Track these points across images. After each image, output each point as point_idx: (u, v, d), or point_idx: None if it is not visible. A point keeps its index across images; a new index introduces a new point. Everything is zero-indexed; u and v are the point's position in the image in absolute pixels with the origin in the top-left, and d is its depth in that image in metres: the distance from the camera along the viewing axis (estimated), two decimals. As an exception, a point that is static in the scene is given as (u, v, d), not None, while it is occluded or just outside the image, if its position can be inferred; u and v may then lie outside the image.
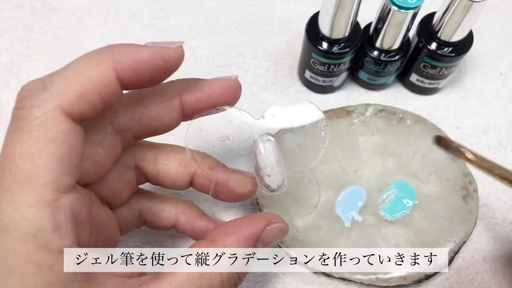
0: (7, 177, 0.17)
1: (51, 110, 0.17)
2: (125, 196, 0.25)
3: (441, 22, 0.31)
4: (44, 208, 0.17)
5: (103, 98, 0.19)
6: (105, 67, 0.19)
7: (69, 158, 0.18)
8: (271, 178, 0.25)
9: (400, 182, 0.32)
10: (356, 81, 0.38)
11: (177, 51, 0.21)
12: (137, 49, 0.20)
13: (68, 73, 0.18)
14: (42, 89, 0.18)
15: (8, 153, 0.18)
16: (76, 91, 0.18)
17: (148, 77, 0.20)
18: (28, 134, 0.17)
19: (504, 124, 0.36)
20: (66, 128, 0.18)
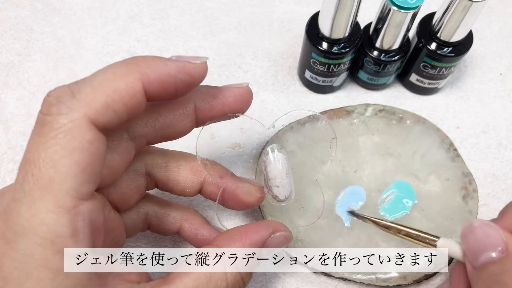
0: (29, 181, 0.17)
1: (78, 119, 0.18)
2: (133, 201, 0.25)
3: (441, 22, 0.31)
4: (63, 214, 0.17)
5: (129, 109, 0.19)
6: (132, 79, 0.19)
7: (92, 166, 0.18)
8: (279, 189, 0.26)
9: (400, 182, 0.32)
10: (356, 81, 0.38)
11: (202, 67, 0.21)
12: (164, 63, 0.20)
13: (95, 82, 0.19)
14: (70, 97, 0.18)
15: (31, 158, 0.18)
16: (103, 101, 0.18)
17: (173, 90, 0.21)
18: (54, 140, 0.17)
19: (503, 124, 0.36)
20: (91, 137, 0.18)
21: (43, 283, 0.17)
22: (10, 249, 0.17)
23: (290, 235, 0.25)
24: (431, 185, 0.32)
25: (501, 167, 0.34)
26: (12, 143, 0.34)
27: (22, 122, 0.35)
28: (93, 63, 0.38)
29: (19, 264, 0.17)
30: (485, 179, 0.34)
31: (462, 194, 0.32)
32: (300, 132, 0.33)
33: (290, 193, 0.26)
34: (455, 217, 0.31)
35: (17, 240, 0.17)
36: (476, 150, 0.35)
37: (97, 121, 0.18)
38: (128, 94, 0.19)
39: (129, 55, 0.39)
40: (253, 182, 0.27)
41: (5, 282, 0.17)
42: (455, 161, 0.33)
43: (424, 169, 0.33)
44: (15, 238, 0.17)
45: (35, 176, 0.17)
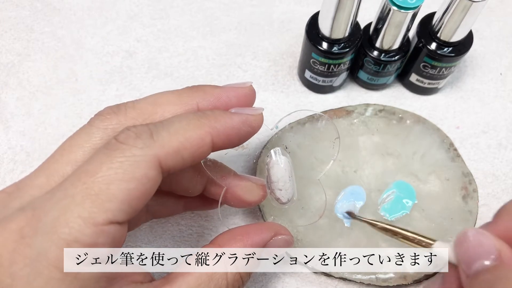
0: (76, 187, 0.18)
1: (149, 156, 0.19)
2: None
3: (441, 22, 0.31)
4: (90, 225, 0.18)
5: (194, 157, 0.21)
6: (203, 132, 0.21)
7: (138, 201, 0.19)
8: (282, 192, 0.26)
9: (400, 182, 0.32)
10: (356, 81, 0.38)
11: (260, 118, 0.23)
12: (230, 117, 0.22)
13: (172, 128, 0.20)
14: (149, 136, 0.20)
15: (89, 169, 0.19)
16: (175, 147, 0.20)
17: (236, 140, 0.23)
18: (120, 164, 0.19)
19: (503, 124, 0.36)
20: (152, 176, 0.19)
21: (52, 283, 0.17)
22: (23, 244, 0.18)
23: (291, 239, 0.25)
24: (431, 185, 0.32)
25: (501, 167, 0.34)
26: (12, 143, 0.34)
27: (22, 122, 0.35)
28: (93, 63, 0.38)
29: (30, 261, 0.17)
30: (485, 179, 0.34)
31: (462, 194, 0.32)
32: (300, 132, 0.33)
33: (292, 195, 0.26)
34: (455, 217, 0.31)
35: (35, 236, 0.18)
36: (476, 150, 0.35)
37: (164, 162, 0.20)
38: (198, 144, 0.21)
39: (129, 55, 0.39)
40: (255, 180, 0.27)
41: (12, 278, 0.17)
42: (455, 161, 0.33)
43: (424, 169, 0.33)
44: (33, 234, 0.18)
45: (86, 185, 0.18)
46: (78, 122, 0.36)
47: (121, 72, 0.38)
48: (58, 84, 0.37)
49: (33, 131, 0.35)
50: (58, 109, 0.36)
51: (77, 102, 0.36)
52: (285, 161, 0.26)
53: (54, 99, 0.36)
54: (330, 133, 0.28)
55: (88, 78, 0.38)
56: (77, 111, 0.36)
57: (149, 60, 0.39)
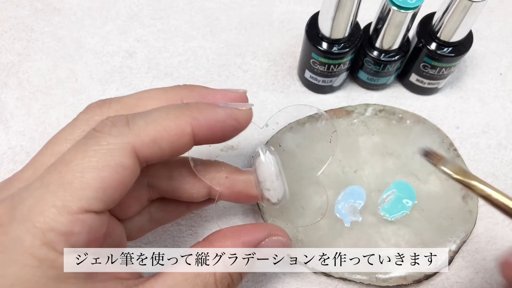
0: (52, 176, 0.18)
1: (124, 143, 0.19)
2: (132, 211, 0.25)
3: (441, 22, 0.31)
4: (64, 213, 0.18)
5: (173, 148, 0.20)
6: (183, 121, 0.20)
7: (113, 190, 0.19)
8: (270, 192, 0.25)
9: (399, 182, 0.32)
10: (356, 81, 0.38)
11: (248, 113, 0.22)
12: (214, 109, 0.21)
13: (149, 118, 0.20)
14: (124, 124, 0.20)
15: (66, 158, 0.19)
16: (152, 136, 0.20)
17: (220, 134, 0.22)
18: (94, 152, 0.18)
19: (503, 124, 0.36)
20: (128, 164, 0.19)
21: (26, 270, 0.17)
22: (0, 233, 0.18)
23: (288, 242, 0.25)
24: (431, 185, 0.32)
25: (501, 167, 0.34)
26: (12, 143, 0.34)
27: (22, 122, 0.35)
28: (93, 63, 0.38)
29: (5, 248, 0.17)
30: (485, 179, 0.34)
31: (462, 194, 0.32)
32: (299, 132, 0.33)
33: (283, 195, 0.25)
34: (455, 217, 0.31)
35: (10, 225, 0.18)
36: (476, 150, 0.35)
37: (141, 152, 0.19)
38: (177, 134, 0.20)
39: (129, 55, 0.39)
40: (252, 171, 0.26)
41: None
42: (455, 161, 0.33)
43: (424, 169, 0.33)
44: (9, 223, 0.18)
45: (61, 173, 0.18)
46: (78, 122, 0.36)
47: (121, 72, 0.38)
48: (58, 84, 0.37)
49: (33, 131, 0.35)
50: (58, 109, 0.36)
51: (77, 102, 0.36)
52: (271, 159, 0.25)
53: (54, 99, 0.36)
54: (328, 128, 0.28)
55: (88, 78, 0.38)
56: (77, 111, 0.35)
57: (149, 60, 0.39)
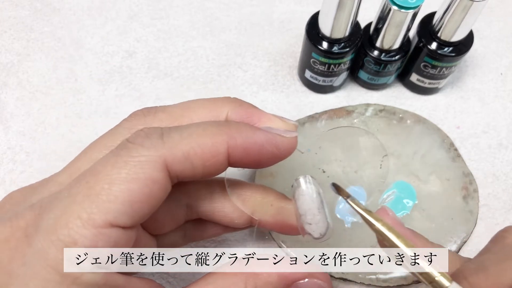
0: (80, 186, 0.18)
1: (155, 156, 0.18)
2: (167, 229, 0.24)
3: (441, 22, 0.31)
4: (89, 226, 0.17)
5: (206, 167, 0.19)
6: (219, 139, 0.19)
7: (142, 204, 0.18)
8: (312, 226, 0.23)
9: (400, 182, 0.32)
10: (356, 81, 0.38)
11: (291, 142, 0.21)
12: (253, 131, 0.20)
13: (185, 132, 0.19)
14: (158, 137, 0.19)
15: (95, 169, 0.18)
16: (185, 151, 0.19)
17: (256, 159, 0.21)
18: (124, 164, 0.18)
19: (504, 124, 0.36)
20: (158, 178, 0.18)
21: (48, 285, 0.17)
22: (25, 243, 0.17)
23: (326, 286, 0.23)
24: (432, 185, 0.32)
25: (501, 167, 0.34)
26: (11, 143, 0.34)
27: (21, 122, 0.35)
28: (92, 63, 0.38)
29: (28, 261, 0.17)
30: (486, 179, 0.34)
31: (462, 194, 0.32)
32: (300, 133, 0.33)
33: (326, 229, 0.23)
34: (455, 218, 0.31)
35: (35, 235, 0.17)
36: (476, 150, 0.35)
37: (172, 167, 0.19)
38: (211, 152, 0.19)
39: (129, 55, 0.38)
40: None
41: (9, 277, 0.17)
42: (456, 161, 0.33)
43: (425, 169, 0.33)
44: (35, 233, 0.17)
45: (89, 184, 0.18)
46: (77, 122, 0.36)
47: (121, 72, 0.38)
48: (58, 84, 0.37)
49: (32, 131, 0.35)
50: (57, 109, 0.36)
51: (77, 102, 0.36)
52: (312, 190, 0.23)
53: (53, 99, 0.36)
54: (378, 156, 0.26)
55: (88, 78, 0.37)
56: (77, 111, 0.36)
57: (149, 60, 0.39)
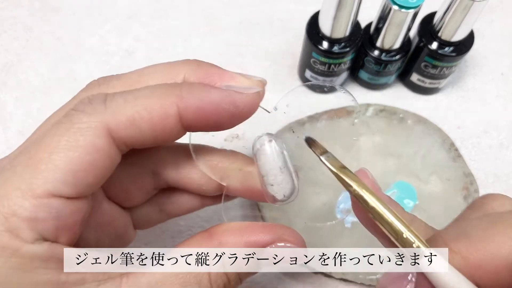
0: (22, 157, 0.17)
1: (96, 122, 0.17)
2: (138, 200, 0.23)
3: (442, 21, 0.31)
4: (29, 197, 0.16)
5: (156, 131, 0.18)
6: (168, 101, 0.18)
7: (85, 173, 0.17)
8: (274, 187, 0.22)
9: (400, 182, 0.32)
10: (357, 81, 0.38)
11: (251, 97, 0.19)
12: (207, 90, 0.19)
13: (130, 96, 0.18)
14: (101, 102, 0.18)
15: (38, 139, 0.17)
16: (129, 115, 0.18)
17: (214, 120, 0.19)
18: (65, 130, 0.17)
19: (505, 124, 0.36)
20: (100, 145, 0.17)
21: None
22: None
23: (299, 251, 0.21)
24: (432, 185, 0.32)
25: (502, 167, 0.34)
26: (10, 143, 0.34)
27: (21, 122, 0.35)
28: (92, 62, 0.38)
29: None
30: (486, 180, 0.34)
31: (463, 195, 0.32)
32: (299, 132, 0.33)
33: (291, 190, 0.22)
34: (456, 218, 0.31)
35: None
36: (477, 150, 0.35)
37: (116, 133, 0.18)
38: (159, 114, 0.18)
39: (128, 54, 0.38)
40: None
41: None
42: (456, 161, 0.33)
43: (425, 170, 0.32)
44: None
45: (30, 154, 0.17)
46: (77, 122, 0.35)
47: (121, 72, 0.38)
48: (57, 83, 0.37)
49: (32, 131, 0.35)
50: (57, 109, 0.36)
51: (76, 102, 0.36)
52: (273, 150, 0.21)
53: (53, 99, 0.36)
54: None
55: (87, 78, 0.37)
56: (76, 111, 0.36)
57: (149, 59, 0.38)
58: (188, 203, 0.25)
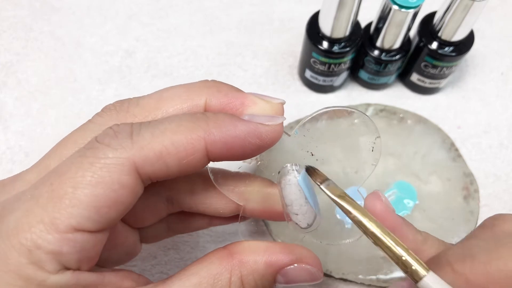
0: (43, 188, 0.17)
1: (122, 158, 0.17)
2: (149, 222, 0.23)
3: (442, 21, 0.31)
4: (52, 231, 0.16)
5: (181, 166, 0.18)
6: (195, 136, 0.18)
7: (108, 209, 0.17)
8: (298, 217, 0.22)
9: (400, 182, 0.32)
10: (357, 81, 0.38)
11: (276, 130, 0.19)
12: (234, 124, 0.19)
13: (157, 129, 0.18)
14: (127, 135, 0.18)
15: (60, 169, 0.17)
16: (157, 151, 0.17)
17: (239, 152, 0.19)
18: (89, 165, 0.17)
19: (505, 124, 0.36)
20: (126, 182, 0.17)
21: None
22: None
23: (317, 273, 0.21)
24: (432, 185, 0.32)
25: (502, 167, 0.34)
26: (10, 143, 0.34)
27: (20, 122, 0.35)
28: (92, 62, 0.38)
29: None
30: (487, 179, 0.34)
31: (463, 195, 0.32)
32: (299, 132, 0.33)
33: (314, 219, 0.22)
34: (456, 218, 0.31)
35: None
36: (477, 150, 0.35)
37: (143, 169, 0.17)
38: (186, 150, 0.18)
39: (128, 54, 0.38)
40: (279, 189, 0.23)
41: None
42: (456, 161, 0.33)
43: (425, 169, 0.32)
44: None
45: (53, 186, 0.17)
46: (77, 122, 0.35)
47: (120, 72, 0.38)
48: (57, 83, 0.37)
49: (32, 131, 0.35)
50: (57, 109, 0.36)
51: (76, 102, 0.36)
52: (298, 180, 0.22)
53: (53, 99, 0.36)
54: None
55: (87, 78, 0.37)
56: (76, 111, 0.36)
57: (149, 59, 0.38)
58: (197, 224, 0.25)
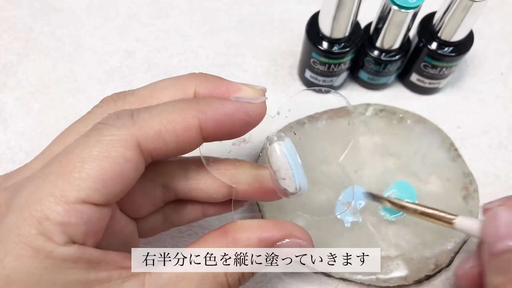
0: (52, 165, 0.18)
1: (126, 135, 0.19)
2: (146, 211, 0.24)
3: (442, 21, 0.31)
4: (62, 203, 0.17)
5: (179, 143, 0.20)
6: (189, 115, 0.20)
7: (114, 182, 0.18)
8: (286, 181, 0.23)
9: (400, 182, 0.32)
10: (357, 81, 0.38)
11: (260, 107, 0.22)
12: (222, 103, 0.21)
13: (155, 111, 0.20)
14: (129, 117, 0.19)
15: (67, 149, 0.19)
16: (156, 128, 0.19)
17: (229, 129, 0.21)
18: (96, 142, 0.18)
19: (505, 124, 0.36)
20: (130, 157, 0.19)
21: (22, 260, 0.17)
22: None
23: (307, 246, 0.23)
24: (432, 185, 0.32)
25: (502, 167, 0.34)
26: (11, 143, 0.34)
27: (21, 122, 0.35)
28: (92, 62, 0.38)
29: (1, 239, 0.17)
30: (486, 179, 0.34)
31: (463, 194, 0.32)
32: (299, 132, 0.33)
33: (300, 184, 0.23)
34: (456, 218, 0.31)
35: (7, 214, 0.18)
36: (477, 150, 0.35)
37: (144, 145, 0.19)
38: (182, 127, 0.20)
39: (128, 54, 0.38)
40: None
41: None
42: (456, 161, 0.33)
43: (425, 169, 0.32)
44: (6, 211, 0.18)
45: (61, 163, 0.18)
46: (77, 122, 0.35)
47: (120, 72, 0.38)
48: (57, 84, 0.37)
49: (32, 131, 0.35)
50: (57, 109, 0.36)
51: (76, 102, 0.36)
52: (284, 146, 0.23)
53: (53, 99, 0.36)
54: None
55: (87, 78, 0.37)
56: (76, 111, 0.36)
57: (149, 59, 0.38)
58: (192, 214, 0.26)
